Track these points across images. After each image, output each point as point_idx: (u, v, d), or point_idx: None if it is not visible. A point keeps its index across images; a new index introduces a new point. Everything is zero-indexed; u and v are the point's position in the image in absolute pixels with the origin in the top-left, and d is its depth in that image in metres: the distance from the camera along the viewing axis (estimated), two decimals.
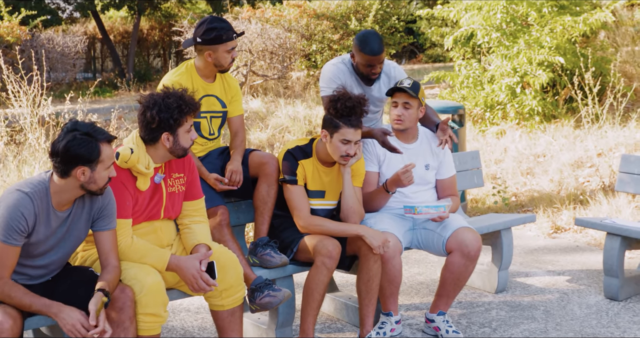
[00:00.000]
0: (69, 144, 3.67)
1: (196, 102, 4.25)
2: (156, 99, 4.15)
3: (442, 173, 5.43)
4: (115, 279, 3.93)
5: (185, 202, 4.47)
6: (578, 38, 12.12)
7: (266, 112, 13.79)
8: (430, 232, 5.17)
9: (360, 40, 5.27)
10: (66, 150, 3.67)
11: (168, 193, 4.34)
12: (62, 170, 3.73)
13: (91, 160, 3.71)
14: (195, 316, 5.67)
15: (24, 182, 3.81)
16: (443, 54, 22.30)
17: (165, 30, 27.83)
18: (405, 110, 5.19)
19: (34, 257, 3.88)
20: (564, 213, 8.15)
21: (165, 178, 4.33)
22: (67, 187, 3.79)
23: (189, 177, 4.46)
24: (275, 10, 17.17)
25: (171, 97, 4.16)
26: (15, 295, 3.73)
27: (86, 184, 3.78)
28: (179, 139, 4.21)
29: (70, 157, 3.68)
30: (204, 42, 4.92)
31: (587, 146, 10.32)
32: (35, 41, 18.37)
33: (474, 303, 5.83)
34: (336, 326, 5.45)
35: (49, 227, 3.83)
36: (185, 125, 4.21)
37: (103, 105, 16.06)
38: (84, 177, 3.74)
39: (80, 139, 3.68)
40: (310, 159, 4.96)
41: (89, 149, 3.69)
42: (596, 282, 6.24)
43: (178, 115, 4.15)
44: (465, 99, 12.50)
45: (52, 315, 3.76)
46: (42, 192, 3.77)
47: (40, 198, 3.76)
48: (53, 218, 3.83)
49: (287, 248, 4.95)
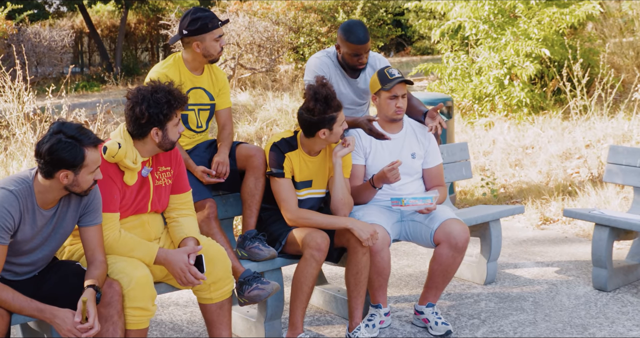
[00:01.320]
0: (54, 147, 3.62)
1: (184, 96, 4.23)
2: (144, 94, 4.11)
3: (428, 162, 5.41)
4: (103, 275, 3.91)
5: (173, 195, 4.45)
6: (566, 30, 12.13)
7: (254, 105, 13.78)
8: (418, 224, 5.17)
9: (345, 30, 5.25)
10: (50, 153, 3.62)
11: (155, 186, 4.32)
12: (46, 171, 3.69)
13: (75, 165, 3.67)
14: (184, 310, 5.65)
15: (8, 179, 3.77)
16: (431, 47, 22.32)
17: (153, 24, 27.75)
18: (404, 100, 5.20)
19: (20, 255, 3.85)
20: (552, 205, 8.16)
21: (153, 171, 4.31)
22: (50, 188, 3.76)
23: (176, 170, 4.44)
24: (263, 3, 17.15)
25: (160, 91, 4.12)
26: (4, 299, 3.69)
27: (69, 187, 3.75)
28: (168, 133, 4.19)
29: (53, 160, 3.64)
30: (190, 33, 4.90)
31: (575, 137, 10.33)
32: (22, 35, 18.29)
33: (463, 294, 5.83)
34: (325, 318, 5.44)
35: (34, 225, 3.80)
36: (174, 120, 4.19)
37: (91, 100, 16.02)
38: (67, 180, 3.71)
39: (65, 143, 3.63)
40: (296, 151, 4.94)
41: (72, 153, 3.65)
42: (585, 272, 6.25)
43: (167, 110, 4.12)
44: (454, 90, 12.50)
45: (46, 319, 3.73)
46: (26, 190, 3.74)
47: (25, 197, 3.73)
48: (39, 217, 3.81)
49: (275, 241, 4.93)
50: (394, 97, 5.17)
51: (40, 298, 3.81)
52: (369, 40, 5.27)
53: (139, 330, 4.02)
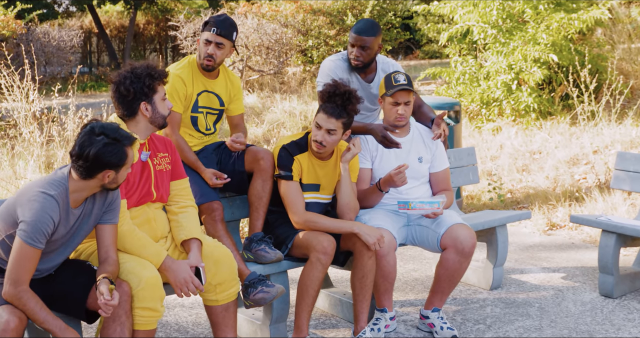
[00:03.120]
0: (100, 150, 3.68)
1: (164, 70, 4.32)
2: (124, 74, 4.22)
3: (435, 166, 5.41)
4: (115, 272, 3.93)
5: (172, 181, 4.48)
6: (574, 35, 12.11)
7: (262, 108, 13.78)
8: (425, 229, 5.16)
9: (356, 22, 5.37)
10: (97, 156, 3.68)
11: (156, 171, 4.36)
12: (88, 173, 3.74)
13: (119, 165, 3.76)
14: (189, 311, 5.65)
15: (46, 182, 3.78)
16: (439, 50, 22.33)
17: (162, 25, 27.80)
18: (406, 107, 5.18)
19: (48, 253, 3.87)
20: (559, 210, 8.14)
21: (151, 156, 4.35)
22: (87, 187, 3.81)
23: (173, 156, 4.49)
24: (272, 6, 17.16)
25: (139, 68, 4.24)
26: (30, 307, 3.70)
27: (108, 185, 3.82)
28: (157, 107, 4.26)
29: (100, 163, 3.71)
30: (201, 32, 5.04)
31: (582, 143, 10.31)
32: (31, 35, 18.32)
33: (469, 299, 5.82)
34: (330, 322, 5.44)
35: (67, 225, 3.85)
36: (160, 92, 4.28)
37: (98, 100, 16.04)
38: (108, 179, 3.78)
39: (110, 145, 3.70)
40: (305, 153, 4.94)
41: (118, 155, 3.73)
42: (591, 279, 6.24)
43: (150, 81, 4.21)
44: (462, 95, 12.49)
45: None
46: (63, 193, 3.78)
47: (62, 200, 3.77)
48: (71, 217, 3.85)
49: (282, 244, 4.93)
50: (396, 103, 5.17)
51: (51, 296, 3.87)
52: (368, 36, 5.31)
53: (147, 331, 4.03)
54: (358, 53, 5.37)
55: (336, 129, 4.79)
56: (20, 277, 3.68)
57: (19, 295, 3.69)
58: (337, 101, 4.78)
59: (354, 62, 5.42)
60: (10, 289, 3.69)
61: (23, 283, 3.70)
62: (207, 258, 4.31)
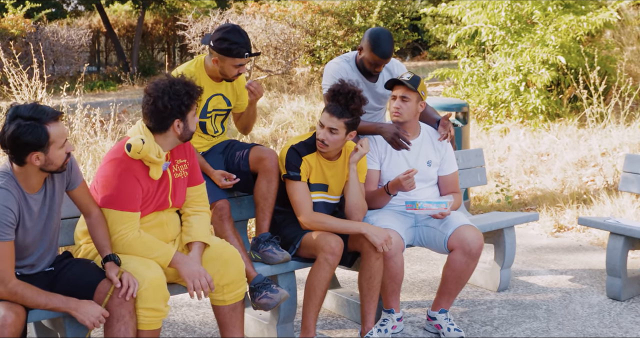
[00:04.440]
0: (15, 133, 3.61)
1: (199, 86, 4.29)
2: (164, 88, 4.13)
3: (444, 170, 5.41)
4: (106, 232, 4.04)
5: (189, 187, 4.47)
6: (583, 37, 12.09)
7: (270, 108, 13.78)
8: (432, 230, 5.16)
9: (374, 40, 5.27)
10: (13, 139, 3.62)
11: (174, 179, 4.34)
12: (17, 158, 3.71)
13: (41, 144, 3.67)
14: (196, 311, 5.66)
15: None
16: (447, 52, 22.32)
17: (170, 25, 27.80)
18: (403, 103, 5.18)
19: (32, 244, 3.87)
20: (567, 213, 8.13)
21: (171, 165, 4.33)
22: (29, 173, 3.78)
23: (190, 161, 4.48)
24: (280, 6, 17.16)
25: (177, 84, 4.16)
26: (29, 296, 3.72)
27: (44, 167, 3.76)
28: (188, 124, 4.23)
29: (19, 146, 3.64)
30: (214, 48, 4.85)
31: (591, 145, 10.29)
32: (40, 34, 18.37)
33: (476, 301, 5.82)
34: (338, 323, 5.44)
35: (31, 212, 3.83)
36: (193, 110, 4.24)
37: (106, 99, 16.05)
38: (40, 161, 3.71)
39: (24, 126, 3.62)
40: (314, 154, 4.95)
41: (36, 134, 3.64)
42: (599, 281, 6.23)
43: (188, 101, 4.16)
44: (469, 96, 12.48)
45: (70, 310, 3.79)
46: (11, 182, 3.75)
47: (14, 187, 3.74)
48: (32, 203, 3.82)
49: (289, 244, 4.93)
50: (393, 97, 5.19)
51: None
52: (392, 54, 5.31)
53: (151, 331, 4.03)
54: (381, 69, 5.45)
55: (338, 128, 4.79)
56: (4, 274, 3.68)
57: (12, 291, 3.69)
58: (340, 100, 4.78)
59: (374, 74, 5.47)
60: (1, 290, 3.69)
61: (10, 279, 3.69)
62: (215, 259, 4.31)
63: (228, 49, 4.79)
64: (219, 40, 4.80)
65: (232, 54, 4.81)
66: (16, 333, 3.64)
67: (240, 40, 4.81)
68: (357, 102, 4.81)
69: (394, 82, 5.20)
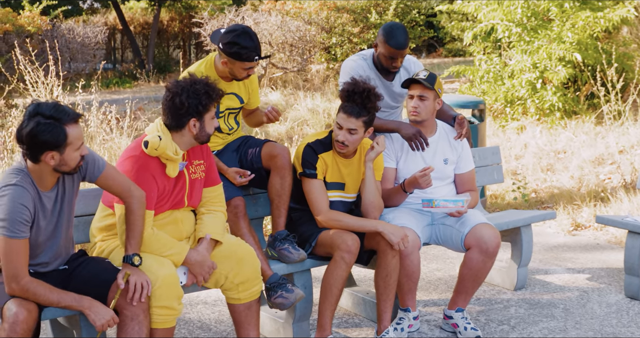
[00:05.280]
0: (34, 130, 3.59)
1: (221, 89, 4.28)
2: (184, 86, 4.15)
3: (460, 168, 5.38)
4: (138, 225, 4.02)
5: (205, 188, 4.47)
6: (600, 33, 12.02)
7: (285, 105, 13.78)
8: (449, 228, 5.13)
9: (387, 32, 5.25)
10: (31, 137, 3.60)
11: (191, 180, 4.34)
12: (32, 156, 3.69)
13: (58, 145, 3.65)
14: (212, 309, 5.66)
15: (6, 175, 3.76)
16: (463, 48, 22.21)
17: (186, 22, 27.86)
18: (421, 102, 5.15)
19: (45, 242, 3.87)
20: (584, 211, 8.08)
21: (187, 165, 4.33)
22: (42, 171, 3.76)
23: (207, 162, 4.47)
24: (296, 3, 17.16)
25: (198, 83, 4.17)
26: (41, 293, 3.73)
27: (58, 167, 3.74)
28: (205, 125, 4.22)
29: (36, 144, 3.62)
30: (224, 51, 4.82)
31: (608, 143, 10.23)
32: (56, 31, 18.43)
33: (493, 300, 5.79)
34: (354, 321, 5.42)
35: (45, 210, 3.82)
36: (211, 112, 4.24)
37: (123, 96, 16.09)
38: (54, 161, 3.70)
39: (44, 124, 3.60)
40: (330, 152, 4.93)
41: (54, 134, 3.62)
42: (617, 280, 6.18)
43: (207, 101, 4.16)
44: (486, 93, 12.44)
45: (83, 309, 3.79)
46: (26, 179, 3.74)
47: (28, 184, 3.73)
48: (45, 201, 3.82)
49: (305, 242, 4.92)
50: (411, 96, 5.16)
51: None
52: (407, 46, 5.28)
53: (165, 330, 4.03)
54: (399, 63, 5.39)
55: (357, 129, 4.78)
56: (18, 271, 3.68)
57: (25, 288, 3.69)
58: (356, 100, 4.76)
59: (393, 70, 5.43)
60: (13, 286, 3.69)
61: (23, 276, 3.69)
62: (230, 257, 4.31)
63: (238, 53, 4.77)
64: (229, 44, 4.77)
65: (242, 58, 4.79)
66: (28, 330, 3.64)
67: (249, 44, 4.78)
68: (373, 99, 4.79)
69: (410, 81, 5.17)
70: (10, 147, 8.54)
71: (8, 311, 3.64)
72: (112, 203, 4.19)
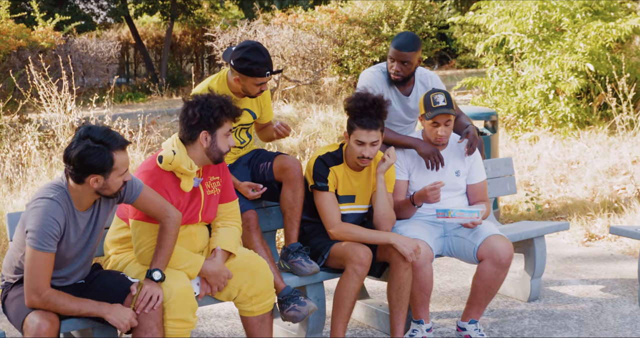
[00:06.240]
0: (82, 153, 3.66)
1: (238, 109, 4.31)
2: (200, 99, 4.22)
3: (472, 178, 5.38)
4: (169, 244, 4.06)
5: (220, 204, 4.48)
6: (612, 44, 12.01)
7: (298, 118, 13.80)
8: (462, 239, 5.13)
9: (396, 35, 5.32)
10: (79, 159, 3.66)
11: (207, 196, 4.37)
12: (76, 177, 3.74)
13: (104, 169, 3.71)
14: (225, 321, 5.66)
15: (44, 189, 3.82)
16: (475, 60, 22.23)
17: (198, 36, 28.01)
18: (447, 128, 5.14)
19: (70, 259, 3.90)
20: (598, 221, 8.05)
21: (203, 181, 4.35)
22: (83, 192, 3.81)
23: (223, 178, 4.49)
24: (308, 16, 17.19)
25: (215, 98, 4.23)
26: (62, 304, 3.76)
27: (100, 190, 3.80)
28: (217, 141, 4.24)
29: (83, 166, 3.68)
30: (235, 68, 4.85)
31: (621, 153, 10.20)
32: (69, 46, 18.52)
33: (506, 311, 5.77)
34: (367, 333, 5.42)
35: (77, 229, 3.87)
36: (224, 128, 4.25)
37: (136, 110, 16.15)
38: (97, 184, 3.75)
39: (93, 148, 3.66)
40: (341, 165, 4.94)
41: (102, 159, 3.68)
42: (631, 291, 6.15)
43: (218, 114, 4.19)
44: (498, 105, 12.42)
45: (103, 314, 3.82)
46: (63, 196, 3.79)
47: (65, 202, 3.78)
48: (79, 220, 3.87)
49: (317, 254, 4.93)
50: (436, 124, 5.13)
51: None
52: (409, 51, 5.28)
53: None
54: (398, 67, 5.37)
55: (378, 139, 4.80)
56: (40, 284, 3.71)
57: (46, 300, 3.73)
58: (371, 113, 4.76)
59: (393, 77, 5.42)
60: (34, 299, 3.73)
61: (44, 289, 3.73)
62: (243, 270, 4.32)
63: (249, 69, 4.80)
64: (240, 60, 4.80)
65: (253, 73, 4.81)
66: None
67: (261, 60, 4.80)
68: (385, 106, 4.82)
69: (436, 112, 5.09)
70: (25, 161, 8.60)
71: (31, 323, 3.68)
72: (126, 216, 4.23)
